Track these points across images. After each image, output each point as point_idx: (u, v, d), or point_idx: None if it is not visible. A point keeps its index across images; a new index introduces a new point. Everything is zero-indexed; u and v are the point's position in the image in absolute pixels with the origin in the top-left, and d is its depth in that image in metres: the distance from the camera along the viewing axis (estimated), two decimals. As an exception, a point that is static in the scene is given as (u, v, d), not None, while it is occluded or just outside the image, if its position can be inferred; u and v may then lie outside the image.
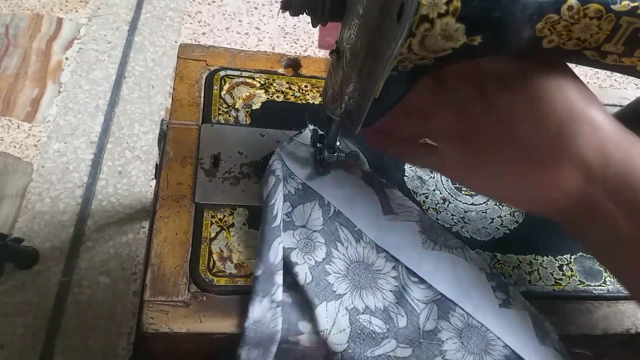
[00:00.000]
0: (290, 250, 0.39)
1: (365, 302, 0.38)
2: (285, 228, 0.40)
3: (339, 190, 0.43)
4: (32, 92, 1.06)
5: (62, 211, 0.93)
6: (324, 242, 0.40)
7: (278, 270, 0.37)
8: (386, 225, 0.41)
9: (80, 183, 0.97)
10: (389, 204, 0.43)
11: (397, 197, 0.44)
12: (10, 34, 1.12)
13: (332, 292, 0.38)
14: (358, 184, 0.44)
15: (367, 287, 0.39)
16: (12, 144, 0.98)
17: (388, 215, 0.42)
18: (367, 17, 0.29)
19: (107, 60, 1.13)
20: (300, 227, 0.40)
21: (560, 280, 0.44)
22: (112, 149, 1.02)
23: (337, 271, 0.39)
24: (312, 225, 0.40)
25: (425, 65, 0.30)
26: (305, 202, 0.41)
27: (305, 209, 0.41)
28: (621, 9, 0.28)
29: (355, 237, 0.41)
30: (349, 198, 0.42)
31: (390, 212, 0.42)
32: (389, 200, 0.43)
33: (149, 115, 1.08)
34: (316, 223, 0.41)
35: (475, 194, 0.49)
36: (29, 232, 0.89)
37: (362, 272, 0.39)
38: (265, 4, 1.31)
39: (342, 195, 0.42)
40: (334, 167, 0.44)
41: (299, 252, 0.39)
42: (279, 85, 0.52)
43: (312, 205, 0.41)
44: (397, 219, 0.42)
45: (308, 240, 0.40)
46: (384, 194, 0.43)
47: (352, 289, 0.38)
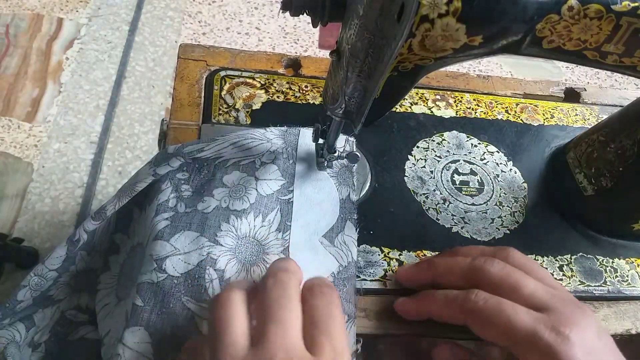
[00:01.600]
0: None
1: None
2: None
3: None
4: (33, 92, 1.06)
5: (62, 211, 0.93)
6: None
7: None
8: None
9: (81, 183, 0.96)
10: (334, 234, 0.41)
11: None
12: (10, 34, 1.12)
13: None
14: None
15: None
16: (12, 144, 0.98)
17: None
18: (367, 17, 0.29)
19: (108, 60, 1.13)
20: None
21: (561, 281, 0.44)
22: (112, 149, 1.02)
23: None
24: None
25: (426, 65, 0.30)
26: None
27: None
28: (621, 9, 0.28)
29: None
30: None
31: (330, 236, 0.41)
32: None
33: (149, 116, 1.07)
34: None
35: (476, 194, 0.49)
36: (29, 232, 0.89)
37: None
38: (265, 4, 1.31)
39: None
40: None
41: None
42: (279, 86, 0.52)
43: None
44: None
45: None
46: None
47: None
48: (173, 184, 0.40)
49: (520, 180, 0.51)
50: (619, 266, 0.47)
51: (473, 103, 0.56)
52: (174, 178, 0.40)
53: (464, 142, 0.53)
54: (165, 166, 0.40)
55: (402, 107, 0.54)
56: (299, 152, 0.44)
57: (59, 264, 0.38)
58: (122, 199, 0.39)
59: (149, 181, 0.40)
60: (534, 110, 0.58)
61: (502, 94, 0.59)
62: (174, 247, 0.37)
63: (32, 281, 0.38)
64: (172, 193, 0.40)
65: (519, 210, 0.49)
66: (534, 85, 0.61)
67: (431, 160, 0.50)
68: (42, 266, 0.38)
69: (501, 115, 0.56)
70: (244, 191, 0.40)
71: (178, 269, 0.36)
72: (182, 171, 0.41)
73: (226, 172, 0.41)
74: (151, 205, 0.40)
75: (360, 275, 0.41)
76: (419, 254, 0.44)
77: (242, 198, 0.40)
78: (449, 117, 0.54)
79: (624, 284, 0.45)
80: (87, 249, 0.40)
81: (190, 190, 0.40)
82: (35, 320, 0.39)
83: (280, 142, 0.43)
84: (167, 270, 0.36)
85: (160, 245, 0.37)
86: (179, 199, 0.40)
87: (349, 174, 0.44)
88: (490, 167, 0.51)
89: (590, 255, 0.47)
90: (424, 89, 0.57)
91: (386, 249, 0.43)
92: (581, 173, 0.49)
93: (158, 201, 0.39)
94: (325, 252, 0.39)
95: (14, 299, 0.38)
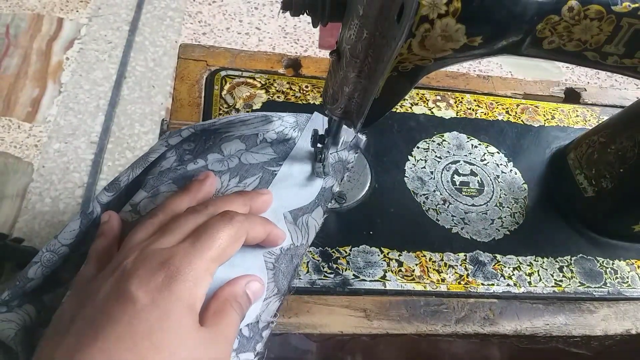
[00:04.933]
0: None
1: None
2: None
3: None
4: (33, 92, 1.06)
5: (62, 211, 0.93)
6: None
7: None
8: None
9: (81, 183, 0.96)
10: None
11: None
12: (10, 34, 1.12)
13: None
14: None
15: None
16: (13, 144, 0.98)
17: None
18: (367, 17, 0.29)
19: (108, 60, 1.13)
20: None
21: (561, 282, 0.44)
22: (112, 149, 1.02)
23: None
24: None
25: (426, 66, 0.30)
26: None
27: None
28: (622, 10, 0.28)
29: None
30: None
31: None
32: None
33: (149, 115, 1.07)
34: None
35: (476, 194, 0.49)
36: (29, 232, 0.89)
37: None
38: (265, 4, 1.31)
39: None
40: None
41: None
42: (279, 86, 0.52)
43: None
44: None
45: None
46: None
47: None
48: (178, 153, 0.42)
49: (521, 181, 0.51)
50: (619, 267, 0.47)
51: (474, 104, 0.56)
52: (180, 148, 0.42)
53: (465, 142, 0.53)
54: (177, 137, 0.41)
55: (403, 108, 0.54)
56: (305, 132, 0.45)
57: (72, 238, 0.38)
58: (135, 169, 0.40)
59: (162, 151, 0.41)
60: (534, 111, 0.58)
61: (502, 94, 0.58)
62: (149, 193, 0.40)
63: (44, 257, 0.38)
64: (175, 162, 0.41)
65: (519, 211, 0.49)
66: (534, 85, 0.61)
67: (431, 161, 0.50)
68: (55, 240, 0.38)
69: (502, 116, 0.56)
70: (230, 159, 0.42)
71: (148, 208, 0.39)
72: (189, 142, 0.42)
73: (228, 139, 0.42)
74: (153, 170, 0.41)
75: (359, 275, 0.41)
76: (418, 254, 0.44)
77: (222, 162, 0.41)
78: (449, 118, 0.54)
79: (624, 285, 0.45)
80: (98, 227, 0.40)
81: (192, 157, 0.42)
82: (46, 301, 0.39)
83: (291, 120, 0.44)
84: (140, 212, 0.39)
85: (139, 194, 0.40)
86: (178, 166, 0.41)
87: (342, 168, 0.45)
88: (490, 168, 0.51)
89: (591, 256, 0.47)
90: (424, 89, 0.56)
91: (386, 249, 0.43)
92: (582, 174, 0.49)
93: (161, 167, 0.41)
94: (284, 227, 0.40)
95: (24, 276, 0.37)
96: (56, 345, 0.28)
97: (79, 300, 0.31)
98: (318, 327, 0.38)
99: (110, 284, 0.29)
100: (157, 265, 0.29)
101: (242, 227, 0.33)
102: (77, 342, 0.27)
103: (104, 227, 0.37)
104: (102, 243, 0.36)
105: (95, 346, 0.27)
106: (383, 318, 0.40)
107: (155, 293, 0.28)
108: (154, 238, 0.32)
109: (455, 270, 0.43)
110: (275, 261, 0.38)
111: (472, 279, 0.43)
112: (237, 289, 0.33)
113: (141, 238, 0.33)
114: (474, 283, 0.43)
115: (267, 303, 0.36)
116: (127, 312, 0.28)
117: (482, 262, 0.44)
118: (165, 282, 0.28)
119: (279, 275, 0.37)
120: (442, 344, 0.42)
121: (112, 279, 0.29)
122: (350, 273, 0.41)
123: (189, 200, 0.37)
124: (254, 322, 0.35)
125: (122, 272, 0.29)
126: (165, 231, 0.33)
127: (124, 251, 0.33)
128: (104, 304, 0.29)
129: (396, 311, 0.40)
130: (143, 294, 0.28)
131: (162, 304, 0.28)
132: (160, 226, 0.34)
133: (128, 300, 0.28)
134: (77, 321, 0.29)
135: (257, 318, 0.35)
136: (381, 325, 0.39)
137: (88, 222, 0.39)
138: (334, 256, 0.42)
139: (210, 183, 0.39)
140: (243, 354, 0.34)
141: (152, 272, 0.29)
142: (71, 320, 0.29)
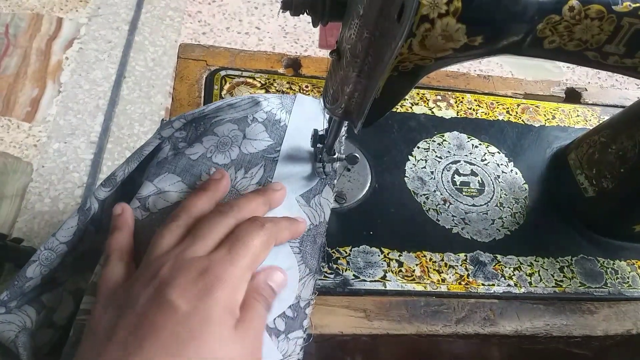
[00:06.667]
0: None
1: None
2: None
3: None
4: (32, 91, 1.05)
5: (62, 211, 0.93)
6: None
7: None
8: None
9: (80, 183, 0.96)
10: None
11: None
12: (10, 34, 1.12)
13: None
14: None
15: None
16: (12, 144, 0.98)
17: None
18: (368, 17, 0.29)
19: (107, 60, 1.13)
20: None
21: (562, 282, 0.44)
22: (112, 149, 1.01)
23: None
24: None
25: (426, 66, 0.30)
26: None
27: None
28: (622, 10, 0.28)
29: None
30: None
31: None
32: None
33: (149, 115, 1.07)
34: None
35: (476, 194, 0.49)
36: (29, 232, 0.89)
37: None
38: (265, 4, 1.30)
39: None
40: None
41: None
42: (279, 85, 0.52)
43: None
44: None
45: None
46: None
47: None
48: (172, 142, 0.42)
49: (521, 181, 0.51)
50: (619, 268, 0.46)
51: (474, 104, 0.56)
52: (173, 137, 0.43)
53: (465, 142, 0.53)
54: (169, 129, 0.42)
55: (403, 108, 0.54)
56: (294, 115, 0.45)
57: (70, 235, 0.38)
58: (130, 164, 0.40)
59: (156, 144, 0.42)
60: (535, 111, 0.58)
61: (503, 93, 0.58)
62: (156, 187, 0.39)
63: (42, 255, 0.38)
64: (170, 151, 0.42)
65: (519, 211, 0.48)
66: (534, 85, 0.60)
67: (432, 161, 0.50)
68: (53, 238, 0.38)
69: (502, 116, 0.56)
70: (229, 145, 0.42)
71: (157, 206, 0.39)
72: (180, 130, 0.43)
73: (219, 124, 0.43)
74: (151, 162, 0.42)
75: (359, 276, 0.41)
76: (419, 254, 0.43)
77: (224, 152, 0.42)
78: (449, 118, 0.54)
79: (625, 285, 0.45)
80: (95, 224, 0.40)
81: (185, 144, 0.42)
82: (45, 301, 0.39)
83: (277, 101, 0.45)
84: (149, 209, 0.39)
85: (145, 186, 0.39)
86: (175, 153, 0.42)
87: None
88: (491, 168, 0.51)
89: (591, 256, 0.47)
90: (424, 89, 0.56)
91: (386, 249, 0.43)
92: (582, 174, 0.49)
93: (158, 159, 0.41)
94: (300, 210, 0.41)
95: (22, 275, 0.37)
96: (98, 355, 0.29)
97: (115, 308, 0.31)
98: (318, 327, 0.38)
99: (149, 292, 0.30)
100: (196, 274, 0.30)
101: (272, 234, 0.35)
102: (123, 352, 0.28)
103: (118, 220, 0.37)
104: (120, 238, 0.36)
105: (142, 355, 0.27)
106: (383, 318, 0.40)
107: (196, 300, 0.29)
108: (186, 244, 0.33)
109: (456, 271, 0.43)
110: (300, 244, 0.39)
111: (472, 279, 0.43)
112: (259, 283, 0.34)
113: (170, 243, 0.34)
114: (474, 283, 0.43)
115: (302, 283, 0.38)
116: (170, 319, 0.28)
117: (482, 263, 0.44)
118: (205, 290, 0.29)
119: (307, 256, 0.39)
120: (443, 344, 0.42)
121: (150, 288, 0.30)
122: (351, 273, 0.41)
123: (208, 200, 0.37)
124: (295, 302, 0.37)
125: (160, 281, 0.30)
126: (196, 237, 0.33)
127: (153, 257, 0.33)
128: (145, 312, 0.29)
129: (396, 311, 0.40)
130: (184, 302, 0.29)
131: (203, 310, 0.29)
132: (186, 229, 0.35)
133: (170, 309, 0.29)
134: (118, 331, 0.29)
135: (297, 299, 0.37)
136: (381, 326, 0.39)
137: (86, 218, 0.39)
138: (334, 256, 0.42)
139: (227, 181, 0.39)
140: (292, 333, 0.36)
141: (192, 281, 0.30)
142: (111, 330, 0.29)
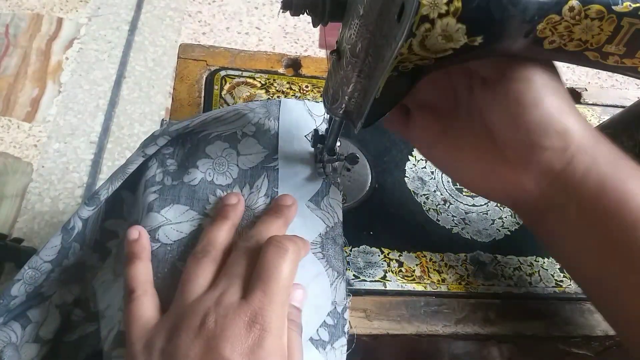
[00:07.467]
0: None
1: None
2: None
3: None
4: (32, 92, 1.06)
5: (62, 211, 0.93)
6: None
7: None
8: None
9: (80, 183, 0.96)
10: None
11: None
12: (10, 34, 1.12)
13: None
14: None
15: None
16: (12, 144, 0.98)
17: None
18: (368, 17, 0.29)
19: (107, 60, 1.13)
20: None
21: (561, 282, 0.44)
22: (112, 149, 1.02)
23: None
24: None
25: (426, 66, 0.30)
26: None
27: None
28: (623, 10, 0.28)
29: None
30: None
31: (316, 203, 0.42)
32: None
33: (149, 115, 1.07)
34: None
35: (476, 195, 0.49)
36: (29, 232, 0.89)
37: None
38: (265, 4, 1.30)
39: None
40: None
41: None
42: (279, 85, 0.52)
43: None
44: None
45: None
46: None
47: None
48: (159, 160, 0.41)
49: (521, 181, 0.51)
50: (619, 267, 0.46)
51: (473, 103, 0.56)
52: (159, 154, 0.41)
53: (465, 142, 0.52)
54: (153, 146, 0.41)
55: (403, 108, 0.54)
56: (282, 121, 0.44)
57: (54, 255, 0.38)
58: (114, 183, 0.40)
59: (139, 162, 0.40)
60: (534, 110, 0.57)
61: (503, 94, 0.58)
62: (165, 218, 0.38)
63: (27, 274, 0.38)
64: (158, 168, 0.41)
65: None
66: (534, 85, 0.60)
67: (431, 161, 0.50)
68: (37, 257, 0.38)
69: (502, 116, 0.56)
70: (227, 166, 0.41)
71: (171, 237, 0.38)
72: (166, 147, 0.42)
73: (209, 142, 0.42)
74: (140, 182, 0.41)
75: (360, 276, 0.41)
76: (419, 255, 0.43)
77: (224, 173, 0.41)
78: (449, 118, 0.54)
79: (625, 285, 0.45)
80: (79, 241, 0.40)
81: (175, 164, 0.41)
82: (30, 317, 0.39)
83: (262, 110, 0.44)
84: (160, 240, 0.37)
85: (152, 217, 0.38)
86: (165, 173, 0.41)
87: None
88: (490, 168, 0.51)
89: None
90: (424, 89, 0.56)
91: (386, 249, 0.43)
92: (582, 174, 0.49)
93: (146, 178, 0.40)
94: (312, 215, 0.40)
95: (7, 294, 0.37)
96: None
97: (158, 357, 0.31)
98: (318, 327, 0.38)
99: (200, 346, 0.30)
100: (244, 326, 0.30)
101: (296, 253, 0.34)
102: None
103: (136, 246, 0.36)
104: (142, 268, 0.35)
105: None
106: (383, 318, 0.40)
107: (250, 354, 0.30)
108: (223, 287, 0.33)
109: (456, 271, 0.43)
110: (322, 249, 0.39)
111: (472, 280, 0.43)
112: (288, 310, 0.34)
113: (204, 284, 0.34)
114: (474, 283, 0.43)
115: (334, 287, 0.37)
116: None
117: (482, 263, 0.44)
118: (256, 342, 0.30)
119: (331, 260, 0.39)
120: (443, 344, 0.42)
121: (200, 340, 0.30)
122: (351, 273, 0.41)
123: (229, 229, 0.37)
124: (332, 309, 0.37)
125: (210, 335, 0.30)
126: (230, 277, 0.33)
127: (192, 300, 0.33)
128: None
129: (396, 311, 0.40)
130: (239, 357, 0.29)
131: None
132: (216, 265, 0.35)
133: None
134: None
135: (333, 305, 0.37)
136: (381, 326, 0.39)
137: (69, 237, 0.39)
138: (334, 256, 0.42)
139: (242, 205, 0.39)
140: (336, 341, 0.36)
141: (242, 334, 0.30)
142: None
